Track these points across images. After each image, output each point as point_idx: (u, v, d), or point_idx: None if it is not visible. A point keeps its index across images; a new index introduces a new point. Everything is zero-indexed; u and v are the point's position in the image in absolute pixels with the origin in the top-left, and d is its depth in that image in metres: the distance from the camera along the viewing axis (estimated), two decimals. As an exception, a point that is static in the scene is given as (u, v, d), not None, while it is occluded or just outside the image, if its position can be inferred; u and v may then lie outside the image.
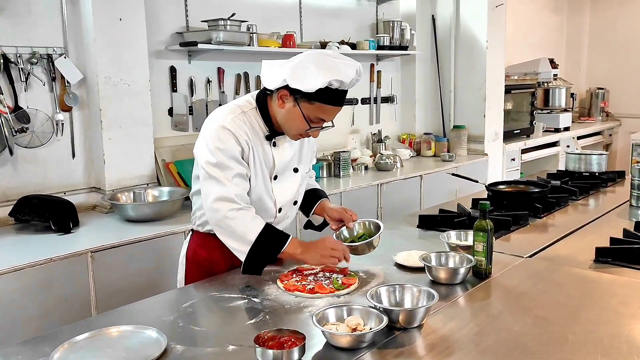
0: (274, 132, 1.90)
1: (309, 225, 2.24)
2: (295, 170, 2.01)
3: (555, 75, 6.24)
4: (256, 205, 1.90)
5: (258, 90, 1.94)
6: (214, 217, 1.81)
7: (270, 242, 1.81)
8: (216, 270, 1.96)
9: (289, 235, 1.85)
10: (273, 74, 1.80)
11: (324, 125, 1.86)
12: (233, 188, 1.79)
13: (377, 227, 2.01)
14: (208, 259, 1.99)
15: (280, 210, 1.99)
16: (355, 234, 2.05)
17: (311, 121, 1.80)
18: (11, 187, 2.87)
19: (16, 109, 2.83)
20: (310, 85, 1.72)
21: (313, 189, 2.20)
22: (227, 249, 1.88)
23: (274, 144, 1.92)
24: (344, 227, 2.05)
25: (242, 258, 1.81)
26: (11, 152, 2.79)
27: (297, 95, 1.76)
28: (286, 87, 1.76)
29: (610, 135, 7.07)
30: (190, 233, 2.09)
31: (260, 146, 1.88)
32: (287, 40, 3.76)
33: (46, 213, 2.68)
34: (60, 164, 3.05)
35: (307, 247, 1.84)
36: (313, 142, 2.12)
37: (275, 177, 1.95)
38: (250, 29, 3.58)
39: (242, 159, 1.83)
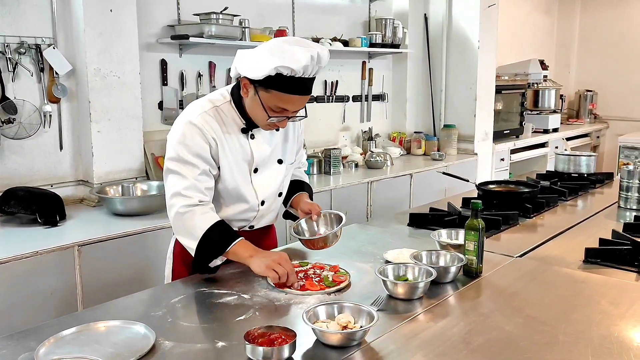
0: (251, 124, 1.85)
1: (287, 215, 2.17)
2: (280, 161, 1.97)
3: (545, 76, 6.27)
4: (237, 201, 1.88)
5: (234, 83, 1.88)
6: (170, 213, 1.79)
7: (218, 239, 1.73)
8: None
9: (239, 237, 1.76)
10: (235, 63, 1.78)
11: (291, 116, 1.77)
12: (191, 183, 1.75)
13: (339, 219, 1.96)
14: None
15: (263, 203, 1.95)
16: (316, 227, 2.00)
17: (272, 110, 1.73)
18: (-3, 178, 2.83)
19: (3, 99, 2.78)
20: (256, 72, 1.67)
21: (298, 180, 2.15)
22: None
23: (252, 137, 1.87)
24: (303, 220, 2.00)
25: (192, 254, 1.76)
26: (-3, 143, 2.76)
27: (256, 83, 1.71)
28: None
29: (598, 137, 7.13)
30: None
31: (235, 140, 1.83)
32: (279, 36, 3.73)
33: (32, 205, 2.64)
34: (47, 156, 3.01)
35: (256, 253, 1.74)
36: (300, 132, 2.07)
37: (256, 170, 1.90)
38: (243, 24, 3.55)
39: (211, 155, 1.79)
